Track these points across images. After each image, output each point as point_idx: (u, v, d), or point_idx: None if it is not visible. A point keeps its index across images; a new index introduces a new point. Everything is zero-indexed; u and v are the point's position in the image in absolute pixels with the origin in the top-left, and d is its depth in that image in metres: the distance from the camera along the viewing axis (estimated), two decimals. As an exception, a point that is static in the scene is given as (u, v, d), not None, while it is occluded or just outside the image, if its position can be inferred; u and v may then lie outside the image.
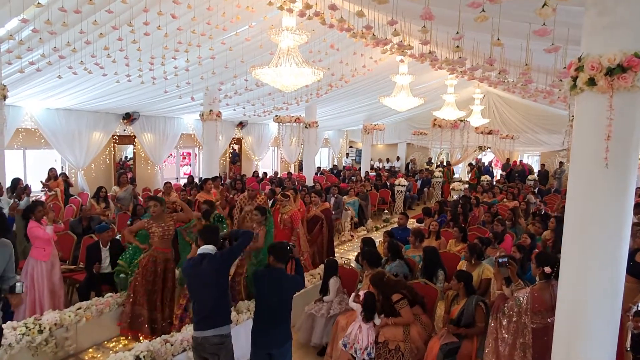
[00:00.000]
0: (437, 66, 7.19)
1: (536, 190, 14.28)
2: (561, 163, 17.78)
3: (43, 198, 9.64)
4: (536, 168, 19.36)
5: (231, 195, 9.68)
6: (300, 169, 19.30)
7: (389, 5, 3.95)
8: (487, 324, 4.22)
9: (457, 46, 4.57)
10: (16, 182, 8.47)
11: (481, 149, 19.42)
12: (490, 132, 15.57)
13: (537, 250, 5.57)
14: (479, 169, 18.37)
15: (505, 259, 4.26)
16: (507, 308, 3.98)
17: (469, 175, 18.65)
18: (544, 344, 3.76)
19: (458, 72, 8.37)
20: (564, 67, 4.56)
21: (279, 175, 16.85)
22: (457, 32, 3.83)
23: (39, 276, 5.51)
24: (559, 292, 3.30)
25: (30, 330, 4.51)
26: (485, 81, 8.84)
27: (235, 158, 18.34)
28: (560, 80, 5.70)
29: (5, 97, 6.43)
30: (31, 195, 8.41)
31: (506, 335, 3.93)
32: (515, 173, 17.97)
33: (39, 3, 5.15)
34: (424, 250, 5.80)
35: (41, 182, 10.21)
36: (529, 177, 16.86)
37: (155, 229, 5.33)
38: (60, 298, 5.71)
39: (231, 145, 17.60)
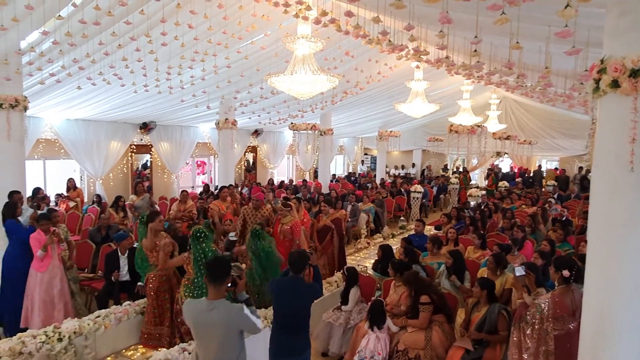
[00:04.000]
0: (454, 71, 7.13)
1: (556, 195, 14.03)
2: (580, 168, 17.49)
3: (63, 208, 9.77)
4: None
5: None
6: (316, 176, 19.29)
7: (405, 10, 3.93)
8: (509, 332, 4.13)
9: (475, 50, 4.52)
10: (36, 191, 8.61)
11: (499, 154, 19.19)
12: (507, 138, 15.39)
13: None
14: (496, 175, 18.15)
15: (522, 267, 4.18)
16: (530, 316, 3.90)
17: (486, 181, 18.44)
18: (567, 351, 3.68)
19: (475, 78, 8.29)
20: (585, 70, 4.48)
21: (294, 183, 16.85)
22: (476, 37, 3.78)
23: (33, 287, 5.41)
24: (585, 297, 3.22)
25: (49, 338, 4.51)
26: (503, 86, 8.73)
27: (250, 167, 18.43)
28: (581, 84, 5.59)
29: (26, 109, 6.53)
30: (50, 204, 8.54)
31: (530, 344, 3.85)
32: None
33: (59, 16, 5.23)
34: (451, 253, 5.72)
35: (60, 194, 10.33)
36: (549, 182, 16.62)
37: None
38: (60, 311, 5.50)
39: (245, 153, 17.67)
